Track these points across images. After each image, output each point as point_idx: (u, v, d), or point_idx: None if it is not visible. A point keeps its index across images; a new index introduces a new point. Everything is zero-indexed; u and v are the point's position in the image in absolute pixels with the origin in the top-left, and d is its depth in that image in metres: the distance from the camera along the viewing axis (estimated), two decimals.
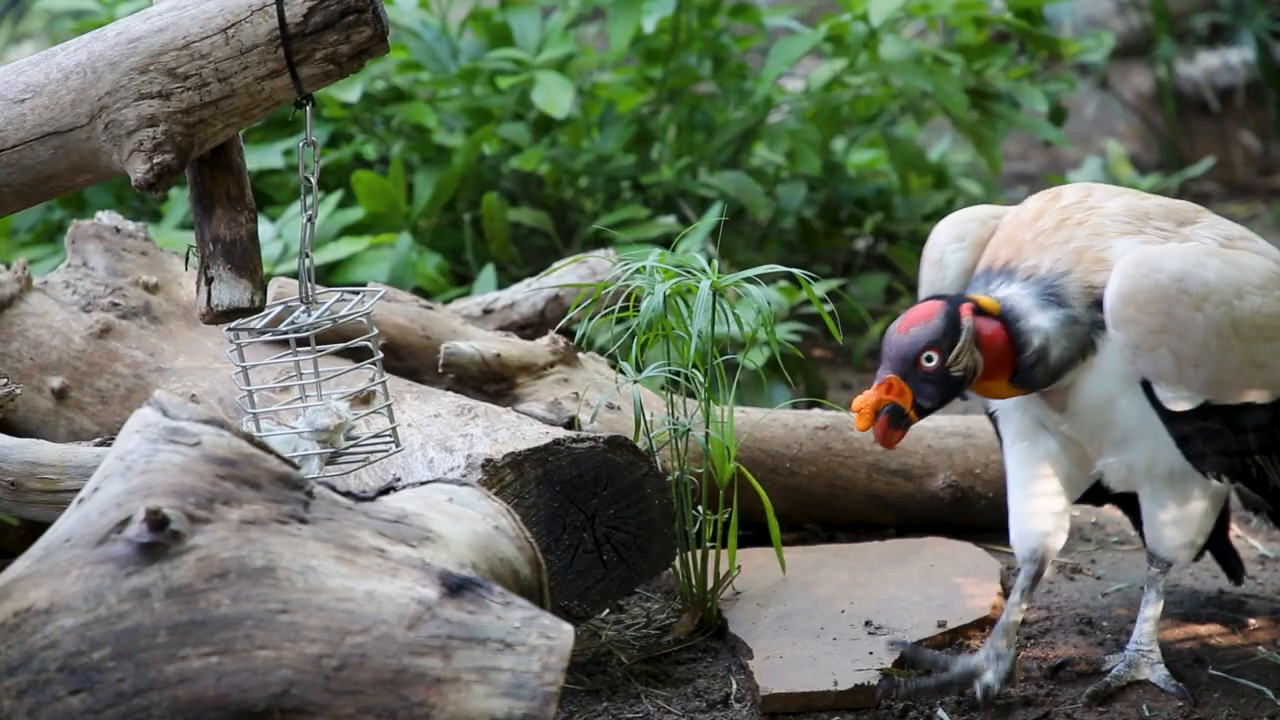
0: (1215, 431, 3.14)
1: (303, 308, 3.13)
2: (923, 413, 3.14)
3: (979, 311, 3.14)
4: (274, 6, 2.89)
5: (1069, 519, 3.37)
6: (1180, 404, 3.12)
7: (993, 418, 3.44)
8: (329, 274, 5.03)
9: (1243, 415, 3.15)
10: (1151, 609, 3.35)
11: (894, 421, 3.12)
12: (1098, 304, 3.12)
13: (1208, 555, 3.62)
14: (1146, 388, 3.15)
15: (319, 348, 3.14)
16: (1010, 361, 3.15)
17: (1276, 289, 3.16)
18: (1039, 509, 3.31)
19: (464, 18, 5.82)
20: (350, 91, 5.35)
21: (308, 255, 3.11)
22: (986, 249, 3.27)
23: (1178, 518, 3.25)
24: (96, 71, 2.95)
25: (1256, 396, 3.15)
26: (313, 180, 3.08)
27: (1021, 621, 3.36)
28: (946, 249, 3.34)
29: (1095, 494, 3.45)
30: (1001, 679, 3.30)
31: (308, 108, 2.99)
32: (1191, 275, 3.08)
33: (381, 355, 3.20)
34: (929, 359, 3.10)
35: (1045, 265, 3.14)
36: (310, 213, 3.09)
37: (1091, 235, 3.14)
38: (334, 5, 2.89)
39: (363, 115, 5.64)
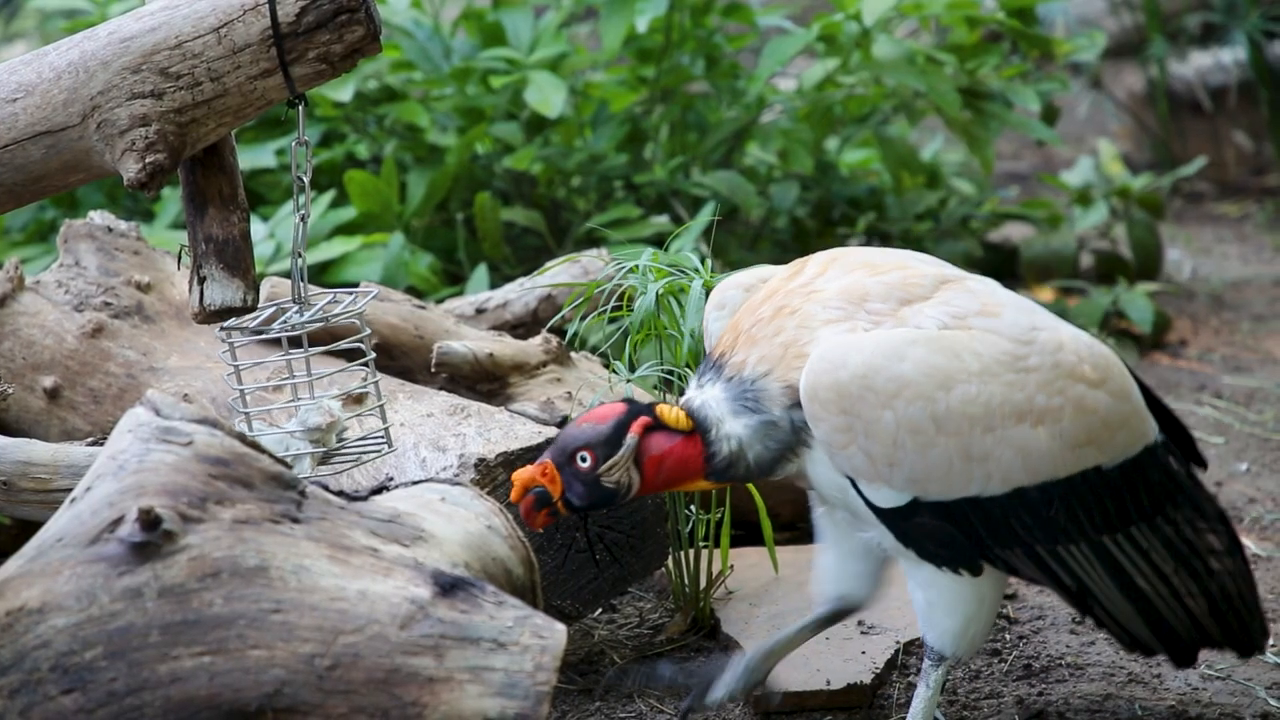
0: (934, 527, 2.94)
1: (296, 307, 3.13)
2: (571, 508, 3.00)
3: (657, 427, 2.99)
4: (266, 6, 2.89)
5: (878, 575, 3.18)
6: (884, 501, 2.93)
7: None
8: (321, 273, 5.02)
9: (969, 508, 2.93)
10: (920, 704, 3.07)
11: (539, 504, 2.99)
12: (798, 403, 2.93)
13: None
14: (853, 481, 2.98)
15: (311, 348, 3.14)
16: (699, 466, 3.00)
17: (1006, 373, 2.91)
18: (841, 567, 3.17)
19: (456, 17, 5.83)
20: (343, 91, 5.34)
21: (300, 255, 3.12)
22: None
23: (941, 603, 3.00)
24: (89, 71, 2.95)
25: (985, 489, 2.92)
26: (305, 180, 3.08)
27: (789, 648, 3.25)
28: (709, 316, 3.22)
29: None
30: (723, 698, 3.21)
31: (300, 107, 2.99)
32: (880, 370, 2.87)
33: (374, 355, 3.20)
34: (583, 459, 2.97)
35: (750, 364, 2.96)
36: (303, 212, 3.10)
37: (798, 327, 2.95)
38: (326, 5, 2.89)
39: (355, 115, 5.64)
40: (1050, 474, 2.93)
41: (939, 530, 2.93)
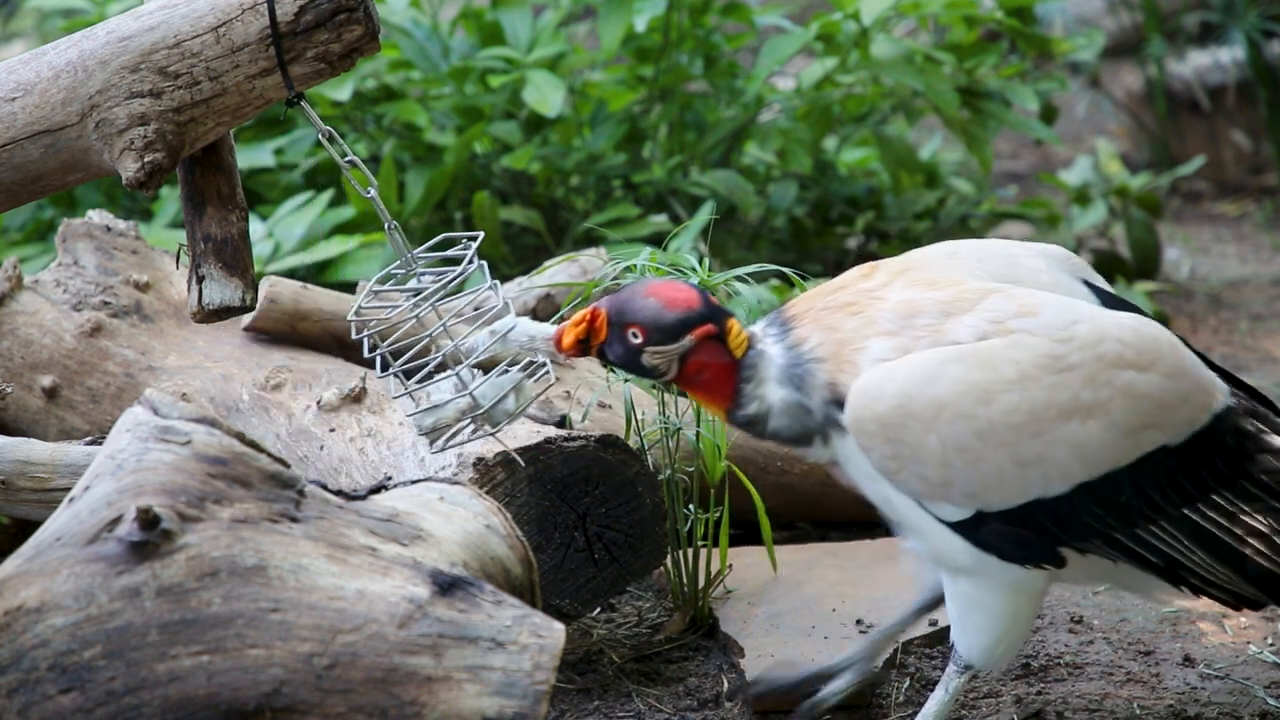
0: (1006, 532, 2.95)
1: (414, 267, 3.16)
2: (603, 359, 3.08)
3: (719, 340, 3.03)
4: (265, 5, 2.89)
5: None
6: (950, 515, 2.95)
7: None
8: (320, 272, 5.03)
9: (1036, 510, 2.93)
10: (934, 707, 3.08)
11: (579, 344, 3.06)
12: (839, 403, 2.95)
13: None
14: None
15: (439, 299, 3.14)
16: (725, 400, 3.05)
17: (1046, 375, 2.91)
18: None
19: (455, 16, 5.82)
20: (341, 90, 5.34)
21: (395, 227, 3.13)
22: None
23: (977, 615, 3.01)
24: (87, 70, 2.95)
25: (1046, 490, 2.93)
26: (354, 158, 3.09)
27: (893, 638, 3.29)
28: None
29: None
30: (840, 693, 3.25)
31: (304, 104, 2.99)
32: (916, 396, 2.89)
33: (496, 282, 3.18)
34: (635, 335, 3.03)
35: (808, 345, 2.99)
36: (373, 187, 3.11)
37: (854, 330, 2.98)
38: (325, 4, 2.89)
39: (354, 114, 5.64)
40: (1112, 464, 2.93)
41: (1011, 534, 2.94)
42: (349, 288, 4.47)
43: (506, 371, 3.15)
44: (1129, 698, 3.39)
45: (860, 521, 4.19)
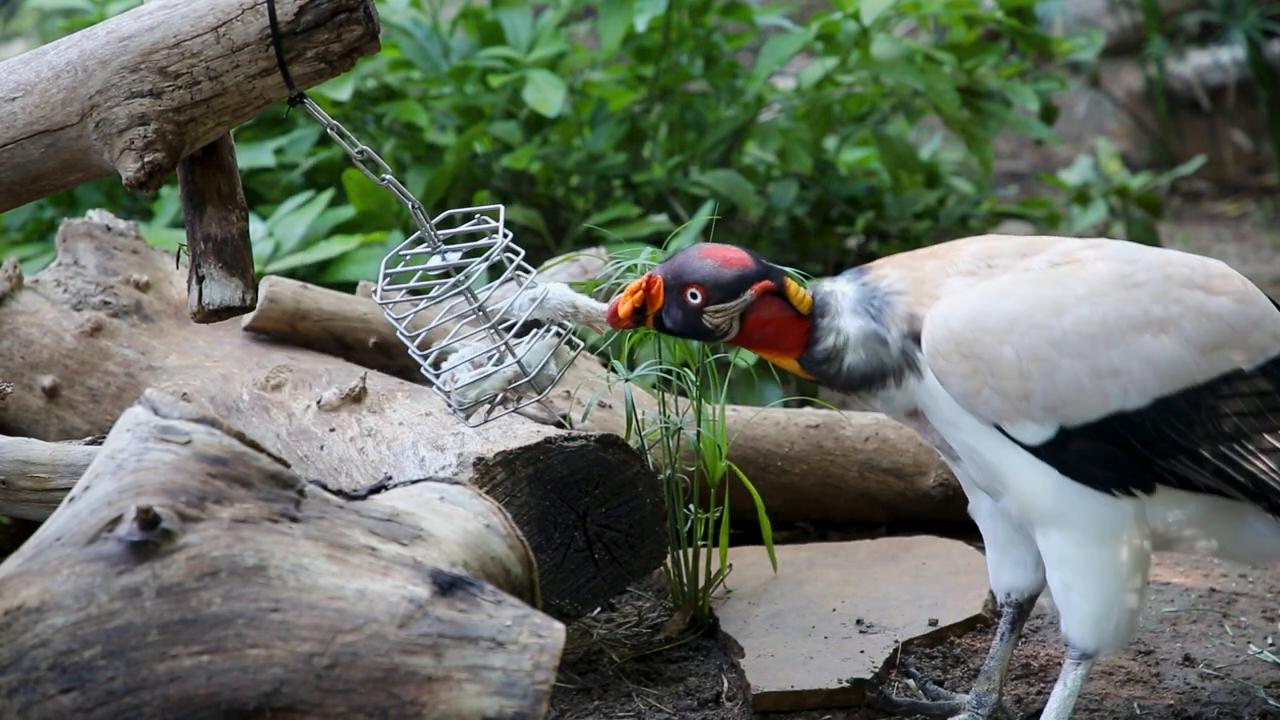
0: (1091, 450, 2.98)
1: (439, 248, 3.19)
2: (660, 326, 3.11)
3: (777, 294, 3.07)
4: (265, 5, 2.89)
5: (1037, 558, 3.17)
6: (1033, 437, 2.98)
7: None
8: (320, 272, 5.02)
9: (1118, 425, 2.97)
10: (1056, 705, 3.06)
11: (635, 315, 3.10)
12: (915, 338, 3.02)
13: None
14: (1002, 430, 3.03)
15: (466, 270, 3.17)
16: (796, 343, 3.08)
17: (1116, 290, 3.00)
18: (1000, 557, 3.22)
19: (455, 16, 5.82)
20: (342, 90, 5.34)
21: (419, 207, 3.17)
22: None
23: (1077, 580, 3.00)
24: (87, 70, 2.95)
25: (1125, 403, 2.97)
26: (366, 149, 3.11)
27: (1006, 665, 3.25)
28: None
29: None
30: None
31: (308, 101, 2.99)
32: (988, 311, 2.98)
33: (518, 257, 3.20)
34: (694, 295, 3.07)
35: (889, 280, 3.06)
36: (387, 175, 3.12)
37: (935, 270, 3.06)
38: (325, 4, 2.89)
39: (354, 113, 5.63)
40: (1188, 380, 3.00)
41: (1097, 452, 2.98)
42: (349, 287, 4.47)
43: (541, 338, 3.18)
44: (1129, 697, 3.39)
45: (860, 521, 4.19)
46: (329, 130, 3.09)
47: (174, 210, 5.35)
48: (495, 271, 3.38)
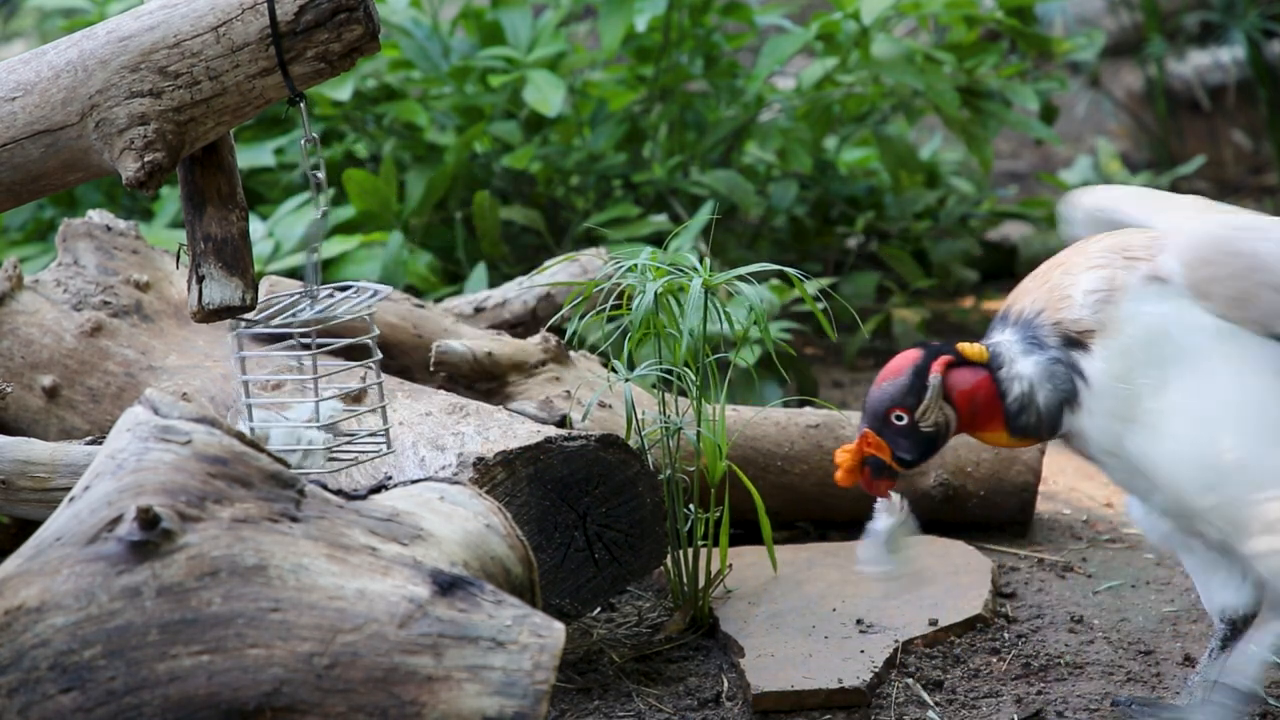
0: None
1: (308, 302, 3.13)
2: (906, 465, 3.06)
3: (960, 363, 3.04)
4: (265, 5, 2.89)
5: (1243, 574, 3.10)
6: None
7: None
8: (320, 272, 5.02)
9: None
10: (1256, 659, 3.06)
11: (876, 473, 3.07)
12: (1068, 341, 2.98)
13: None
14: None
15: (321, 341, 3.14)
16: (1000, 410, 3.04)
17: None
18: (1208, 580, 3.14)
19: (455, 16, 5.82)
20: (342, 90, 5.34)
21: (315, 250, 3.12)
22: None
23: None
24: (87, 70, 2.95)
25: None
26: (320, 176, 3.08)
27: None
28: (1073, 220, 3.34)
29: None
30: None
31: (302, 105, 2.99)
32: (1230, 221, 3.03)
33: (380, 356, 3.20)
34: (898, 417, 3.03)
35: (1026, 308, 3.04)
36: (323, 209, 3.10)
37: (1063, 275, 3.03)
38: (325, 3, 2.89)
39: (354, 113, 5.64)
40: None
41: None
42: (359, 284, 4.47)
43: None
44: (1129, 697, 3.39)
45: (860, 521, 4.18)
46: (303, 142, 3.08)
47: (174, 210, 5.35)
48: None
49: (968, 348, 3.05)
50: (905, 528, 3.15)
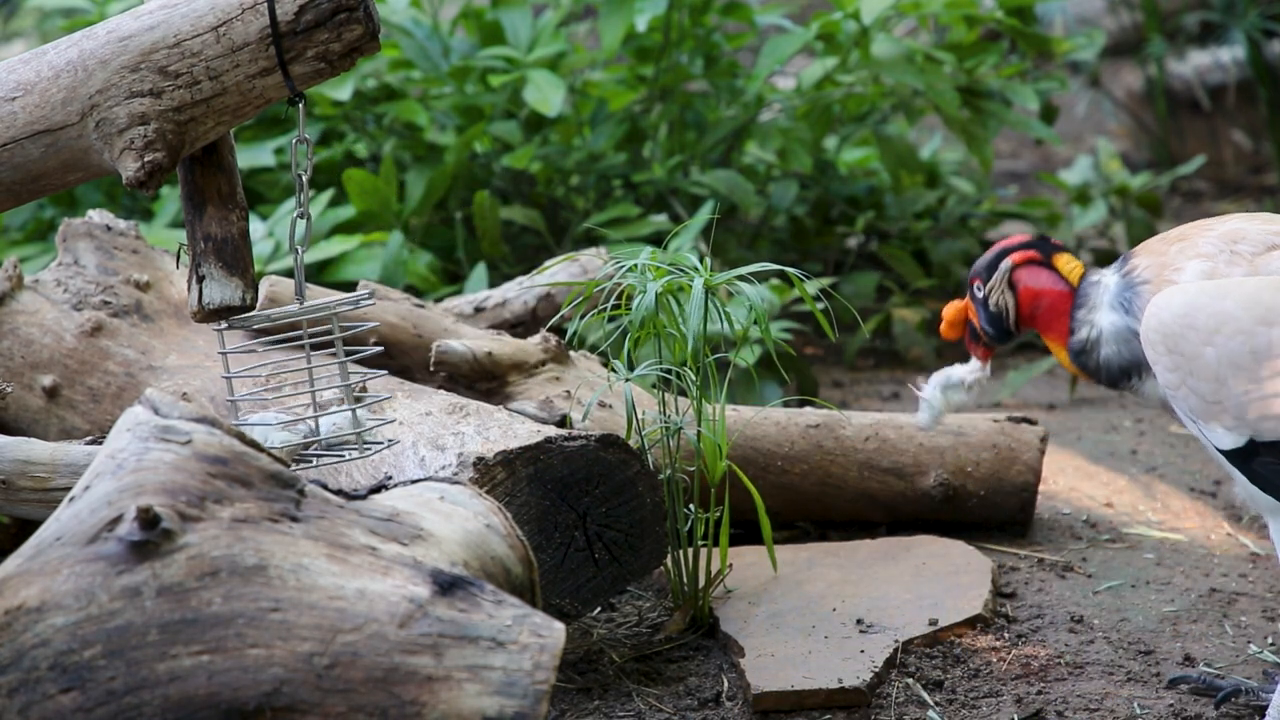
0: (1275, 466, 2.91)
1: (297, 304, 3.13)
2: (988, 336, 3.26)
3: (1044, 265, 3.17)
4: (265, 4, 2.89)
5: None
6: (1224, 443, 2.93)
7: None
8: (320, 272, 5.02)
9: None
10: None
11: (971, 336, 3.29)
12: None
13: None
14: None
15: (311, 340, 3.13)
16: (1063, 330, 3.17)
17: None
18: None
19: (455, 16, 5.83)
20: (342, 89, 5.34)
21: (300, 251, 3.11)
22: None
23: None
24: (87, 69, 2.95)
25: None
26: (304, 178, 3.08)
27: None
28: None
29: None
30: None
31: (300, 105, 2.99)
32: (1201, 308, 2.91)
33: (348, 359, 3.18)
34: (978, 288, 3.24)
35: (1139, 269, 3.07)
36: (303, 210, 3.10)
37: (1177, 252, 3.03)
38: (325, 3, 2.88)
39: (354, 113, 5.64)
40: None
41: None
42: (349, 287, 4.47)
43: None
44: (1129, 697, 3.39)
45: (860, 521, 4.18)
46: (293, 141, 3.08)
47: (174, 210, 5.36)
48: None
49: (1065, 260, 3.15)
50: (967, 389, 3.38)
